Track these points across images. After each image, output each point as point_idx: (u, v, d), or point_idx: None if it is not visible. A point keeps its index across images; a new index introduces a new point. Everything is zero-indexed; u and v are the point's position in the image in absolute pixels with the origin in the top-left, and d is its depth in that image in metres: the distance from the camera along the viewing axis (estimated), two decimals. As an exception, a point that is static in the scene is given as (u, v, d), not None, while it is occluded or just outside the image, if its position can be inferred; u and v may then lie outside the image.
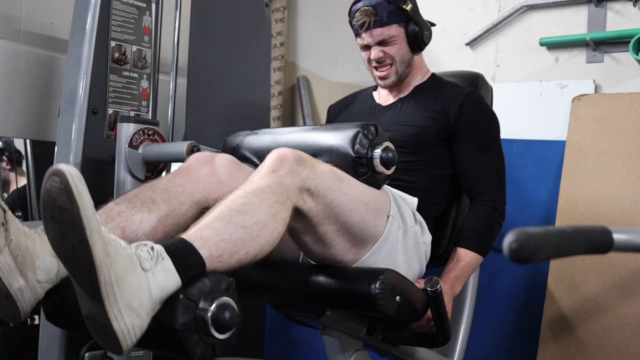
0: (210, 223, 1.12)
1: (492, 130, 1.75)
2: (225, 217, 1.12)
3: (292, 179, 1.22)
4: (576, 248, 0.74)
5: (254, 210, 1.15)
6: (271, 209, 1.16)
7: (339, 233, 1.32)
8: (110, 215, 1.29)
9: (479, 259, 1.65)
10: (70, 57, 1.74)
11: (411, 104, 1.77)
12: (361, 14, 1.69)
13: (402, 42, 1.73)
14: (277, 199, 1.18)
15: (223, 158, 1.48)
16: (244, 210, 1.14)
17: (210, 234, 1.10)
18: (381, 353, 1.63)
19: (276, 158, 1.24)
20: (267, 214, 1.16)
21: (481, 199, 1.68)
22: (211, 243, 1.09)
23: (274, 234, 1.17)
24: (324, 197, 1.26)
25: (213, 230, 1.10)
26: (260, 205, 1.16)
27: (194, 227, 1.12)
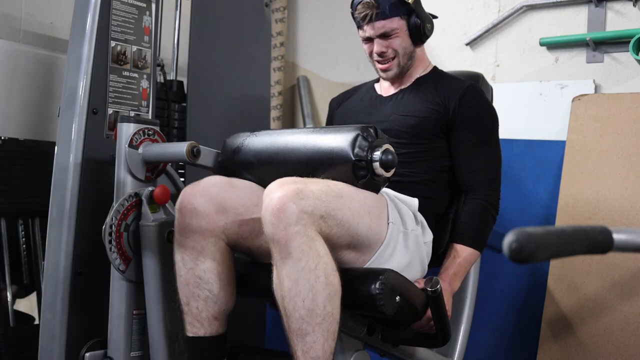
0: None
1: (491, 125, 1.75)
2: (309, 340, 1.26)
3: (304, 222, 1.24)
4: (576, 248, 0.74)
5: (316, 313, 1.25)
6: (319, 279, 1.26)
7: (350, 246, 1.36)
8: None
9: (476, 254, 1.65)
10: (70, 57, 1.74)
11: (412, 95, 1.78)
12: (363, 7, 1.69)
13: (404, 35, 1.73)
14: (315, 265, 1.25)
15: (209, 181, 1.49)
16: (311, 315, 1.25)
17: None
18: (381, 353, 1.63)
19: (276, 213, 1.24)
20: (323, 284, 1.26)
21: (475, 193, 1.68)
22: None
23: (337, 286, 1.29)
24: (334, 218, 1.29)
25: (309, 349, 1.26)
26: (318, 290, 1.26)
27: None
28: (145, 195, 1.61)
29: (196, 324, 1.46)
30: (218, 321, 1.47)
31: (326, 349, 1.25)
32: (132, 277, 1.62)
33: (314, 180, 1.33)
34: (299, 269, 1.24)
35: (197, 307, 1.46)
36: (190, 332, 1.47)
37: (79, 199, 1.67)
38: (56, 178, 1.70)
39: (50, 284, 1.68)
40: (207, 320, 1.46)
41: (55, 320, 1.66)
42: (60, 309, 1.65)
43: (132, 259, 1.61)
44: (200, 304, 1.45)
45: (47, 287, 1.69)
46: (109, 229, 1.57)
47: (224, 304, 1.47)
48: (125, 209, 1.60)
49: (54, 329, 1.66)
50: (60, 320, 1.66)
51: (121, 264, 1.59)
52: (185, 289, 1.47)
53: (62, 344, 1.66)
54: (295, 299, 1.24)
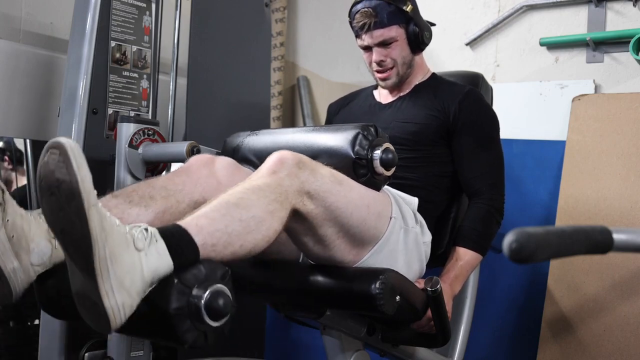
0: (206, 213, 1.12)
1: (492, 129, 1.75)
2: (222, 209, 1.13)
3: (292, 182, 1.22)
4: (576, 248, 0.74)
5: (251, 205, 1.15)
6: (269, 206, 1.17)
7: (339, 235, 1.32)
8: (107, 206, 1.27)
9: (478, 257, 1.65)
10: (70, 57, 1.74)
11: (411, 102, 1.78)
12: (361, 16, 1.69)
13: (403, 43, 1.74)
14: (275, 198, 1.18)
15: (223, 161, 1.48)
16: (242, 204, 1.14)
17: (206, 223, 1.10)
18: (381, 353, 1.63)
19: (276, 160, 1.24)
20: (264, 210, 1.16)
21: (480, 198, 1.68)
22: (206, 232, 1.08)
23: (270, 231, 1.17)
24: (323, 200, 1.26)
25: (209, 219, 1.10)
26: (258, 202, 1.16)
27: (190, 215, 1.12)
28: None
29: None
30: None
31: (218, 236, 1.11)
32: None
33: (321, 164, 1.32)
34: (261, 188, 1.18)
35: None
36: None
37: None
38: (56, 178, 1.70)
39: (50, 284, 1.67)
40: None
41: (55, 320, 1.66)
42: (60, 309, 1.65)
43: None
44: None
45: (47, 287, 1.69)
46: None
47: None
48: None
49: (54, 329, 1.66)
50: (60, 320, 1.65)
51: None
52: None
53: (62, 344, 1.66)
54: (229, 200, 1.15)
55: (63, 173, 0.95)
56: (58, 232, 1.01)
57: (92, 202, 0.95)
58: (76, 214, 0.95)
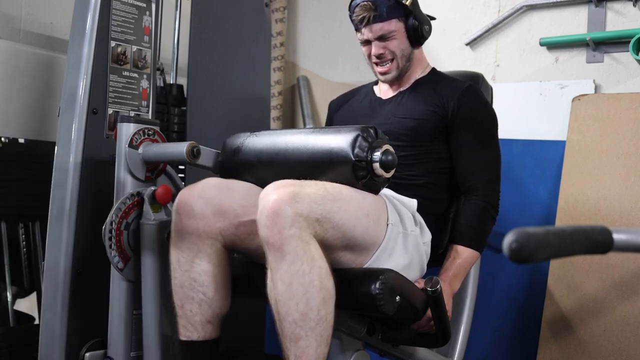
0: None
1: (490, 126, 1.75)
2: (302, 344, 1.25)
3: (299, 225, 1.23)
4: (576, 248, 0.74)
5: (309, 307, 1.25)
6: (314, 283, 1.25)
7: (346, 247, 1.35)
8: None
9: (475, 254, 1.65)
10: (70, 57, 1.74)
11: (411, 97, 1.78)
12: (361, 9, 1.69)
13: (402, 37, 1.73)
14: (310, 269, 1.24)
15: (207, 183, 1.49)
16: (304, 319, 1.25)
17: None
18: (381, 353, 1.63)
19: (271, 216, 1.24)
20: (317, 290, 1.25)
21: (475, 194, 1.68)
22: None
23: (332, 290, 1.28)
24: (330, 221, 1.28)
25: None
26: (311, 297, 1.25)
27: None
28: (148, 194, 1.61)
29: (189, 327, 1.45)
30: (212, 325, 1.46)
31: (319, 353, 1.25)
32: (131, 276, 1.61)
33: (311, 183, 1.33)
34: (293, 273, 1.23)
35: (191, 310, 1.45)
36: (184, 335, 1.46)
37: (79, 199, 1.67)
38: (56, 178, 1.70)
39: (50, 284, 1.67)
40: (201, 324, 1.45)
41: (55, 320, 1.65)
42: (60, 309, 1.65)
43: (131, 258, 1.61)
44: (195, 307, 1.44)
45: (47, 287, 1.69)
46: (110, 226, 1.57)
47: (218, 307, 1.46)
48: (127, 207, 1.60)
49: (54, 329, 1.66)
50: (60, 320, 1.65)
51: (120, 262, 1.59)
52: (179, 292, 1.46)
53: (62, 344, 1.66)
54: (288, 303, 1.24)
55: None
56: None
57: None
58: None
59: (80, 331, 1.68)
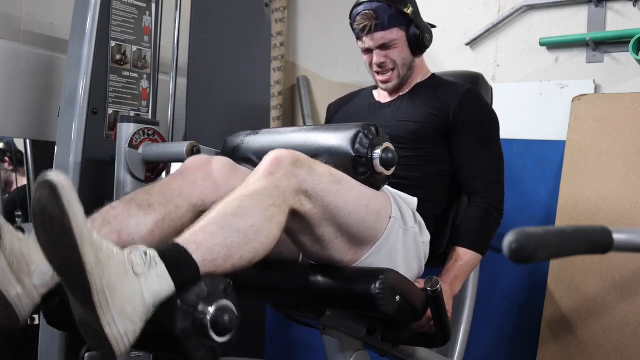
0: (204, 227, 1.12)
1: (491, 128, 1.75)
2: (220, 221, 1.13)
3: (289, 181, 1.21)
4: (576, 248, 0.74)
5: (249, 213, 1.14)
6: (267, 212, 1.16)
7: (338, 234, 1.32)
8: (107, 219, 1.28)
9: (477, 257, 1.65)
10: (70, 57, 1.74)
11: (411, 101, 1.78)
12: (362, 18, 1.69)
13: (403, 46, 1.74)
14: (273, 202, 1.18)
15: (219, 161, 1.47)
16: (239, 213, 1.14)
17: (204, 238, 1.10)
18: (381, 353, 1.63)
19: (273, 160, 1.23)
20: (263, 217, 1.15)
21: (479, 197, 1.68)
22: (205, 247, 1.09)
23: (269, 238, 1.17)
24: (321, 199, 1.26)
25: (207, 234, 1.10)
26: (256, 209, 1.15)
27: (189, 231, 1.12)
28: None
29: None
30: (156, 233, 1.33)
31: (217, 250, 1.10)
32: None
33: (319, 162, 1.31)
34: (258, 193, 1.18)
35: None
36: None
37: (79, 199, 1.67)
38: (56, 178, 1.70)
39: (50, 284, 1.67)
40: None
41: (55, 320, 1.65)
42: (60, 309, 1.65)
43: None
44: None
45: (47, 287, 1.68)
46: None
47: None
48: (125, 209, 1.60)
49: (54, 329, 1.66)
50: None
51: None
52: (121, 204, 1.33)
53: (62, 344, 1.66)
54: (229, 210, 1.14)
55: (54, 209, 0.95)
56: (55, 267, 1.01)
57: (85, 237, 0.96)
58: (70, 250, 0.95)
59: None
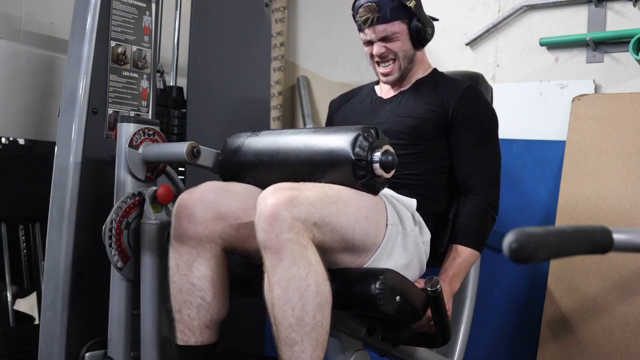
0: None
1: (490, 126, 1.75)
2: (297, 338, 1.25)
3: (297, 229, 1.23)
4: (576, 248, 0.74)
5: (305, 312, 1.24)
6: (310, 287, 1.24)
7: (345, 249, 1.36)
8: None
9: (475, 254, 1.65)
10: (70, 57, 1.74)
11: (411, 97, 1.78)
12: (365, 10, 1.69)
13: (405, 39, 1.73)
14: (307, 274, 1.24)
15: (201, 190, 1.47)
16: (299, 321, 1.25)
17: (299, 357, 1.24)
18: (381, 353, 1.63)
19: (270, 219, 1.24)
20: (314, 293, 1.25)
21: (474, 194, 1.68)
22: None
23: (326, 294, 1.27)
24: (328, 224, 1.28)
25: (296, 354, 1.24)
26: (303, 296, 1.24)
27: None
28: (149, 194, 1.61)
29: (187, 332, 1.45)
30: (209, 330, 1.45)
31: (314, 358, 1.25)
32: (130, 276, 1.61)
33: (309, 186, 1.32)
34: (290, 277, 1.23)
35: (189, 314, 1.44)
36: (181, 340, 1.45)
37: (79, 199, 1.67)
38: (56, 178, 1.70)
39: (50, 284, 1.67)
40: (199, 329, 1.44)
41: (55, 320, 1.65)
42: (60, 309, 1.65)
43: (130, 258, 1.61)
44: (193, 312, 1.44)
45: (47, 287, 1.69)
46: (110, 225, 1.57)
47: (216, 312, 1.46)
48: (127, 207, 1.60)
49: (54, 329, 1.66)
50: (60, 320, 1.65)
51: (119, 261, 1.59)
52: (178, 296, 1.45)
53: (62, 344, 1.66)
54: (284, 307, 1.24)
55: None
56: None
57: None
58: None
59: (80, 331, 1.68)
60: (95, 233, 1.61)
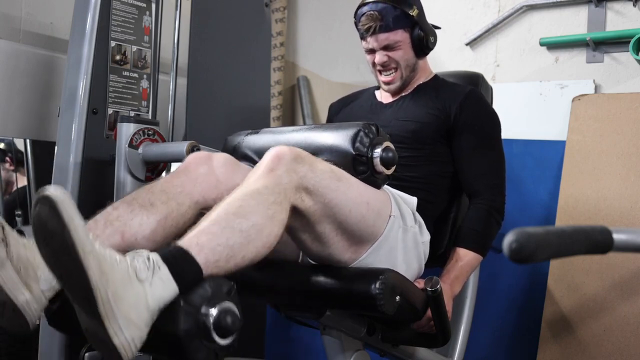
0: (206, 228, 1.12)
1: (493, 129, 1.75)
2: (222, 221, 1.13)
3: (290, 178, 1.21)
4: (576, 248, 0.74)
5: (250, 212, 1.14)
6: (268, 210, 1.16)
7: (338, 232, 1.32)
8: (109, 219, 1.28)
9: (478, 258, 1.65)
10: (70, 57, 1.74)
11: (412, 101, 1.78)
12: (367, 19, 1.69)
13: (407, 47, 1.74)
14: (274, 200, 1.18)
15: (220, 157, 1.47)
16: (241, 213, 1.14)
17: (207, 239, 1.10)
18: (381, 353, 1.63)
19: (273, 156, 1.23)
20: (264, 216, 1.15)
21: (480, 198, 1.68)
22: (207, 249, 1.09)
23: (270, 237, 1.17)
24: (322, 195, 1.26)
25: (209, 235, 1.10)
26: (257, 208, 1.15)
27: (191, 233, 1.12)
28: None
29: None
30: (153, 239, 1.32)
31: (220, 251, 1.10)
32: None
33: (320, 159, 1.31)
34: (259, 191, 1.18)
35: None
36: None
37: (79, 199, 1.67)
38: (56, 178, 1.70)
39: (50, 284, 1.67)
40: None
41: (55, 320, 1.65)
42: (60, 309, 1.65)
43: (132, 259, 1.61)
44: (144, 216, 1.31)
45: (47, 287, 1.68)
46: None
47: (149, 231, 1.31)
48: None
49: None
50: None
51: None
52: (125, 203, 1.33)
53: (62, 344, 1.66)
54: (230, 209, 1.14)
55: (54, 225, 0.95)
56: (58, 278, 1.02)
57: (87, 250, 0.96)
58: (72, 264, 0.95)
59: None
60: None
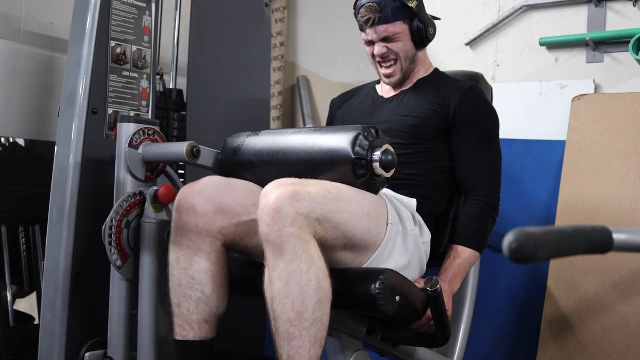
0: (290, 353, 1.25)
1: (491, 126, 1.75)
2: (296, 333, 1.25)
3: (299, 224, 1.23)
4: (576, 248, 0.74)
5: (305, 308, 1.24)
6: (311, 282, 1.25)
7: (346, 247, 1.35)
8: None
9: (475, 255, 1.65)
10: (70, 57, 1.74)
11: (413, 96, 1.78)
12: (366, 10, 1.69)
13: (407, 39, 1.74)
14: (307, 268, 1.24)
15: (201, 201, 1.47)
16: (299, 316, 1.25)
17: (296, 352, 1.24)
18: (381, 353, 1.63)
19: (272, 211, 1.24)
20: (313, 287, 1.25)
21: (475, 195, 1.68)
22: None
23: (328, 283, 1.28)
24: (330, 221, 1.28)
25: (295, 349, 1.25)
26: (307, 305, 1.24)
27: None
28: (150, 193, 1.61)
29: (186, 326, 1.44)
30: (208, 325, 1.45)
31: (312, 354, 1.24)
32: (129, 275, 1.61)
33: (312, 182, 1.32)
34: (291, 271, 1.23)
35: (188, 308, 1.44)
36: (180, 335, 1.45)
37: (79, 199, 1.67)
38: (56, 178, 1.70)
39: (50, 284, 1.68)
40: (197, 323, 1.44)
41: (55, 320, 1.66)
42: (60, 309, 1.65)
43: (130, 257, 1.61)
44: (192, 306, 1.44)
45: (47, 287, 1.69)
46: (110, 223, 1.57)
47: (215, 306, 1.45)
48: (128, 206, 1.60)
49: (54, 329, 1.66)
50: (60, 320, 1.66)
51: (118, 259, 1.59)
52: (177, 290, 1.45)
53: (62, 344, 1.66)
54: (284, 301, 1.24)
55: None
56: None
57: None
58: None
59: (80, 331, 1.68)
60: (95, 233, 1.61)
